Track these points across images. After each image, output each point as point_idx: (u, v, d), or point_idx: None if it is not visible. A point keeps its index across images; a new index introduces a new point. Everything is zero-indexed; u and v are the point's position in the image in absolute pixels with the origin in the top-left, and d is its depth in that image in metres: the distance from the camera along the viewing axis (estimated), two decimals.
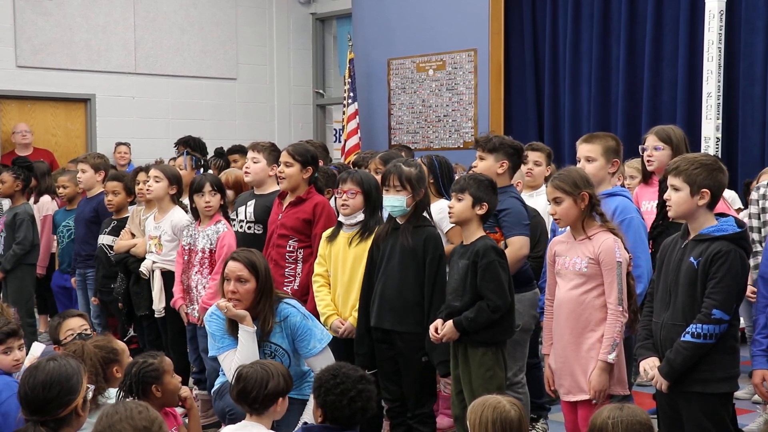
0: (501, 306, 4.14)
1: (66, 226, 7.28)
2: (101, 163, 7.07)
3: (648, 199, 5.28)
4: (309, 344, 4.35)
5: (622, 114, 9.18)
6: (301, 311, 4.41)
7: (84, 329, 4.31)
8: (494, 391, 3.72)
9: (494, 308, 4.13)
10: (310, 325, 4.38)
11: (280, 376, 3.57)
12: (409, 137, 10.59)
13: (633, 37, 9.18)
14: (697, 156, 3.76)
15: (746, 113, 8.42)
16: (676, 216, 3.69)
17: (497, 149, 4.82)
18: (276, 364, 3.70)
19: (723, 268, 3.54)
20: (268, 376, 3.54)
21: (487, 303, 4.13)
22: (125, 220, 6.34)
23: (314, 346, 4.34)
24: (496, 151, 4.82)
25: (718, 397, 3.65)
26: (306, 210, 5.14)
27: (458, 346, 4.25)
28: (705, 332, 3.55)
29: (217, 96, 11.64)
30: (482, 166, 4.82)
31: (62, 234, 7.35)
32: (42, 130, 10.55)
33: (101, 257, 6.39)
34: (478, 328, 4.15)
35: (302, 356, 4.37)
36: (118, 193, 6.36)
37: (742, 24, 8.40)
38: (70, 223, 7.25)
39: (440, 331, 4.20)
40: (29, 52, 10.27)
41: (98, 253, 6.44)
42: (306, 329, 4.35)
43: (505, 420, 2.95)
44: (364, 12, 10.98)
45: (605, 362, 3.92)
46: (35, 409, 2.92)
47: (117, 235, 6.28)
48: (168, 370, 3.82)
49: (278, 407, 3.58)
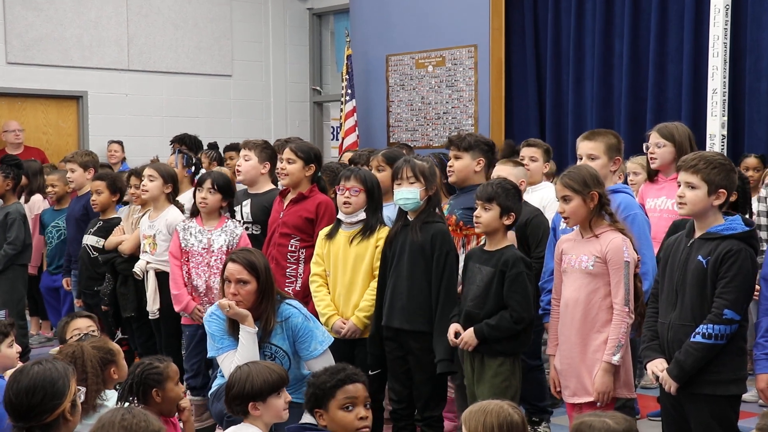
0: (525, 318, 4.19)
1: (55, 227, 7.30)
2: (89, 160, 7.07)
3: (653, 196, 5.29)
4: (310, 346, 4.34)
5: (626, 111, 9.18)
6: (303, 312, 4.40)
7: (91, 330, 4.31)
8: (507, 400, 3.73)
9: (518, 319, 4.16)
10: (311, 327, 4.37)
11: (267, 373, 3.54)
12: (408, 135, 10.58)
13: (637, 33, 9.18)
14: (715, 155, 3.78)
15: (752, 109, 8.41)
16: (690, 213, 3.69)
17: (473, 147, 4.89)
18: (267, 363, 3.68)
19: (734, 267, 3.54)
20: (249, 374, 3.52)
21: (511, 314, 4.16)
22: (111, 221, 6.32)
23: (315, 348, 4.34)
24: (471, 149, 4.89)
25: (727, 399, 3.66)
26: (308, 208, 5.15)
27: (474, 356, 4.26)
28: (716, 333, 3.55)
29: (212, 93, 11.64)
30: (459, 165, 4.88)
31: (51, 234, 7.36)
32: (33, 128, 10.54)
33: (84, 258, 6.37)
34: (499, 338, 4.17)
35: (302, 358, 4.36)
36: (101, 192, 6.35)
37: (748, 19, 8.40)
38: (60, 224, 7.28)
39: (459, 337, 4.22)
40: (19, 48, 10.26)
41: (81, 254, 6.42)
42: (307, 331, 4.34)
43: (511, 424, 2.95)
44: (362, 7, 10.97)
45: (609, 363, 3.93)
46: (20, 415, 2.89)
47: (102, 236, 6.25)
48: (172, 378, 3.80)
49: (273, 409, 3.53)
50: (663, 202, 5.17)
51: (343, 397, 3.40)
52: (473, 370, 4.30)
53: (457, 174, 4.90)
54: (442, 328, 4.37)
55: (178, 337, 5.68)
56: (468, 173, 4.87)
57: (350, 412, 3.41)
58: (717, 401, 3.63)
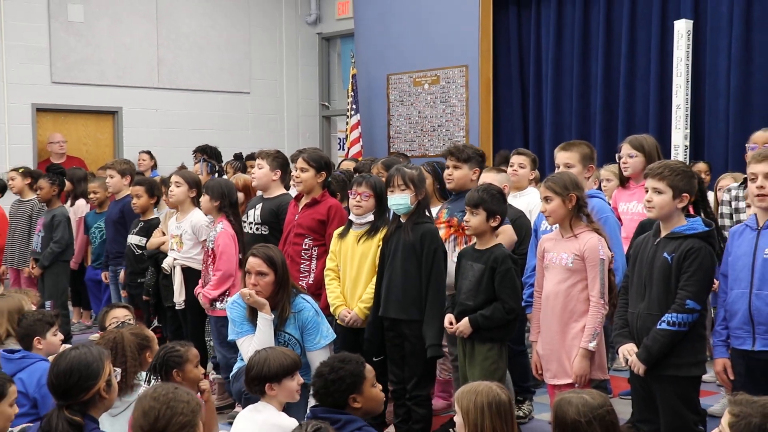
0: (515, 309, 4.22)
1: (98, 228, 7.46)
2: (127, 168, 7.14)
3: (625, 201, 5.28)
4: (315, 338, 4.34)
5: (600, 124, 9.20)
6: (314, 307, 4.41)
7: (127, 318, 4.33)
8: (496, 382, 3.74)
9: (509, 310, 4.18)
10: (319, 321, 4.38)
11: (282, 358, 3.54)
12: (407, 145, 10.60)
13: (609, 55, 9.20)
14: (678, 164, 3.81)
15: (711, 124, 8.44)
16: (658, 216, 3.70)
17: (471, 159, 4.90)
18: (282, 348, 3.67)
19: (695, 262, 3.56)
20: (267, 358, 3.52)
21: (503, 305, 4.17)
22: (151, 221, 6.37)
23: (319, 341, 4.34)
24: (469, 160, 4.89)
25: (689, 380, 3.67)
26: (321, 211, 5.15)
27: (466, 342, 4.28)
28: (679, 321, 3.56)
29: (232, 108, 11.63)
30: (458, 174, 4.88)
31: (94, 235, 7.48)
32: (74, 139, 10.55)
33: (129, 255, 6.43)
34: (491, 326, 4.19)
35: (306, 349, 4.35)
36: (141, 195, 6.40)
37: (707, 44, 8.42)
38: (101, 225, 7.38)
39: (454, 326, 4.24)
40: (63, 70, 10.27)
41: (127, 252, 6.48)
42: (315, 324, 4.36)
43: (499, 403, 2.95)
44: (365, 32, 10.98)
45: (586, 350, 3.93)
46: (60, 394, 2.92)
47: (144, 235, 6.31)
48: (191, 360, 3.78)
49: (287, 390, 3.53)
50: (634, 206, 5.16)
51: (371, 376, 3.41)
52: (465, 355, 4.31)
53: (456, 182, 4.90)
54: (431, 316, 4.38)
55: (202, 326, 5.69)
56: (465, 181, 4.88)
57: (375, 387, 3.43)
58: (680, 381, 3.63)
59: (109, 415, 3.43)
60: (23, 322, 4.08)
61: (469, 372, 4.24)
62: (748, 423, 2.47)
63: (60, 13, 10.22)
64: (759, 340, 3.54)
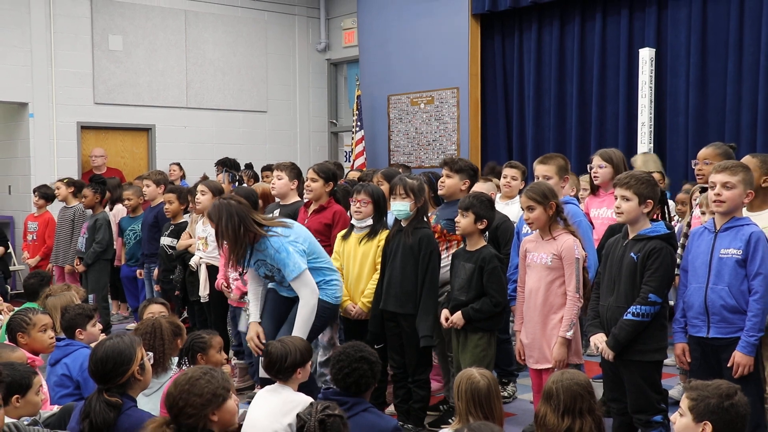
0: (501, 302, 4.23)
1: (132, 230, 7.45)
2: (161, 178, 7.16)
3: (596, 207, 5.29)
4: (284, 273, 4.26)
5: (576, 140, 9.20)
6: (275, 246, 4.23)
7: (162, 314, 4.33)
8: (485, 366, 3.76)
9: (496, 303, 4.20)
10: (282, 257, 4.23)
11: (297, 351, 3.53)
12: (405, 158, 10.60)
13: (583, 78, 9.20)
14: (643, 174, 3.81)
15: (672, 140, 8.44)
16: (626, 220, 3.71)
17: (462, 170, 4.87)
18: (295, 341, 3.66)
19: (657, 261, 3.57)
20: (287, 352, 3.52)
21: (491, 299, 4.18)
22: (181, 224, 6.37)
23: (288, 275, 4.24)
24: (461, 171, 4.87)
25: (653, 364, 3.68)
26: (327, 216, 5.16)
27: (459, 332, 4.29)
28: (643, 312, 3.58)
29: (251, 125, 11.64)
30: (450, 182, 4.86)
31: (129, 237, 7.47)
32: (113, 153, 10.55)
33: (162, 255, 6.44)
34: (481, 318, 4.19)
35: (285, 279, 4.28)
36: (173, 202, 6.42)
37: (668, 69, 8.43)
38: (135, 228, 7.39)
39: (450, 319, 4.25)
40: (104, 92, 10.29)
41: (160, 252, 6.50)
42: (279, 261, 4.24)
43: (475, 389, 3.04)
44: (368, 58, 11.00)
45: (564, 338, 3.94)
46: (99, 379, 2.95)
47: (175, 237, 6.32)
48: (214, 346, 3.82)
49: (299, 375, 3.55)
50: (604, 211, 5.16)
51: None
52: (458, 343, 4.31)
53: (447, 189, 4.90)
54: (424, 311, 4.38)
55: (224, 317, 5.68)
56: (455, 190, 4.86)
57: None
58: (645, 365, 3.65)
59: (143, 395, 3.44)
60: (66, 316, 4.08)
61: (461, 358, 4.24)
62: (707, 404, 2.48)
63: (102, 43, 10.24)
64: (713, 328, 3.54)
